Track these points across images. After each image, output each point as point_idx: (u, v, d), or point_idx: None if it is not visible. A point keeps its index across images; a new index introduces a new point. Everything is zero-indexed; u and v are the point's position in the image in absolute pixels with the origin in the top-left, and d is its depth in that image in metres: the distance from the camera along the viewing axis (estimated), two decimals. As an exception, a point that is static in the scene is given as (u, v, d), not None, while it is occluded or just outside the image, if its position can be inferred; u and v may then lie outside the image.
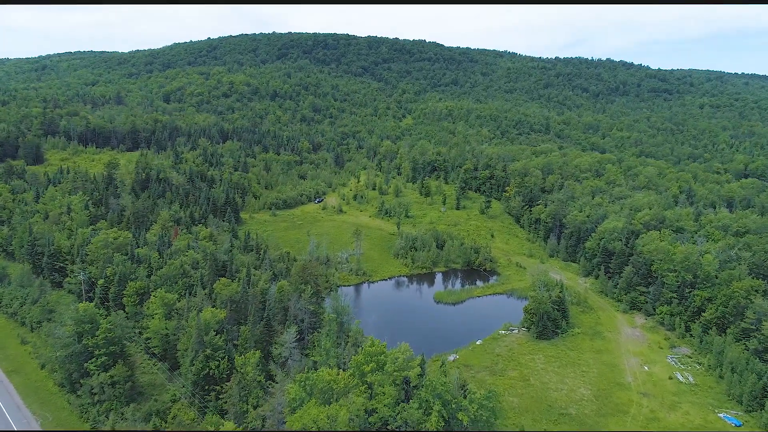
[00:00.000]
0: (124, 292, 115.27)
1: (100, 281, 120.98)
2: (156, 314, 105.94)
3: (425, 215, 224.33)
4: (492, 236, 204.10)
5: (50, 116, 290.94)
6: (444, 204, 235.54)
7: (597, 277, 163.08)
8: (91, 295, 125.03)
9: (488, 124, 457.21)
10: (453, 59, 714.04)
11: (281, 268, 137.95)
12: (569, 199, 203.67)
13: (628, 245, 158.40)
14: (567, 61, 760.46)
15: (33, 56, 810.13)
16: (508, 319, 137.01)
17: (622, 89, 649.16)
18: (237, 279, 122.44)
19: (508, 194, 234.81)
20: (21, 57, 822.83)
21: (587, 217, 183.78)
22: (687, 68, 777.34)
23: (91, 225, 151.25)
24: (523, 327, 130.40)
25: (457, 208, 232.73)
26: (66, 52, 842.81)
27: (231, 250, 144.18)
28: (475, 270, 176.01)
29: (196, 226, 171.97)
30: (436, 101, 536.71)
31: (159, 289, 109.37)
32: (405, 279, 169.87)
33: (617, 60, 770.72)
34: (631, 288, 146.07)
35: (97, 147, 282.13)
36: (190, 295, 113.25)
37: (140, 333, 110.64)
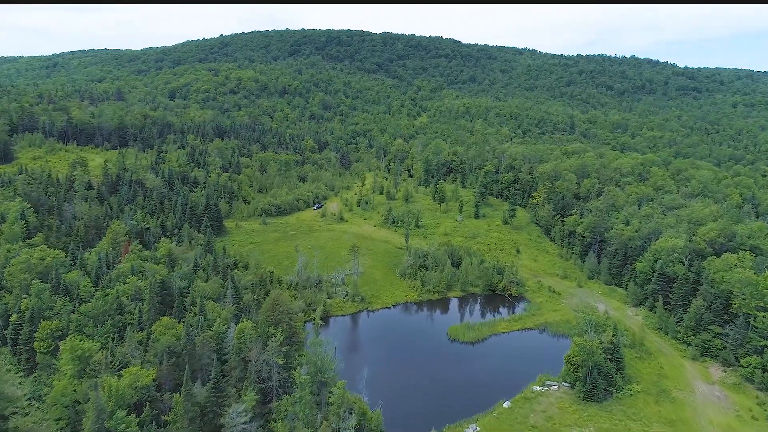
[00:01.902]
0: (36, 334, 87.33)
1: (13, 317, 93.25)
2: (66, 371, 77.79)
3: (439, 225, 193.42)
4: (517, 251, 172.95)
5: (29, 111, 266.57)
6: (461, 212, 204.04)
7: (652, 309, 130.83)
8: (5, 333, 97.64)
9: (508, 122, 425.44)
10: (471, 56, 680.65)
11: (250, 300, 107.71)
12: (610, 208, 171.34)
13: (693, 269, 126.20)
14: (590, 59, 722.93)
15: (46, 54, 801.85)
16: (543, 366, 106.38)
17: (648, 87, 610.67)
18: (191, 316, 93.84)
19: (535, 201, 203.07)
20: (35, 55, 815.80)
21: (636, 231, 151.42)
22: (713, 66, 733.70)
23: (28, 239, 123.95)
24: (564, 382, 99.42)
25: (476, 217, 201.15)
26: (79, 50, 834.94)
27: (194, 273, 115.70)
28: (499, 295, 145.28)
29: (166, 238, 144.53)
30: (452, 99, 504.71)
31: (72, 335, 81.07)
32: (413, 306, 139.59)
33: (642, 57, 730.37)
34: (701, 327, 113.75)
35: (78, 144, 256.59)
36: (120, 341, 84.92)
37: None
